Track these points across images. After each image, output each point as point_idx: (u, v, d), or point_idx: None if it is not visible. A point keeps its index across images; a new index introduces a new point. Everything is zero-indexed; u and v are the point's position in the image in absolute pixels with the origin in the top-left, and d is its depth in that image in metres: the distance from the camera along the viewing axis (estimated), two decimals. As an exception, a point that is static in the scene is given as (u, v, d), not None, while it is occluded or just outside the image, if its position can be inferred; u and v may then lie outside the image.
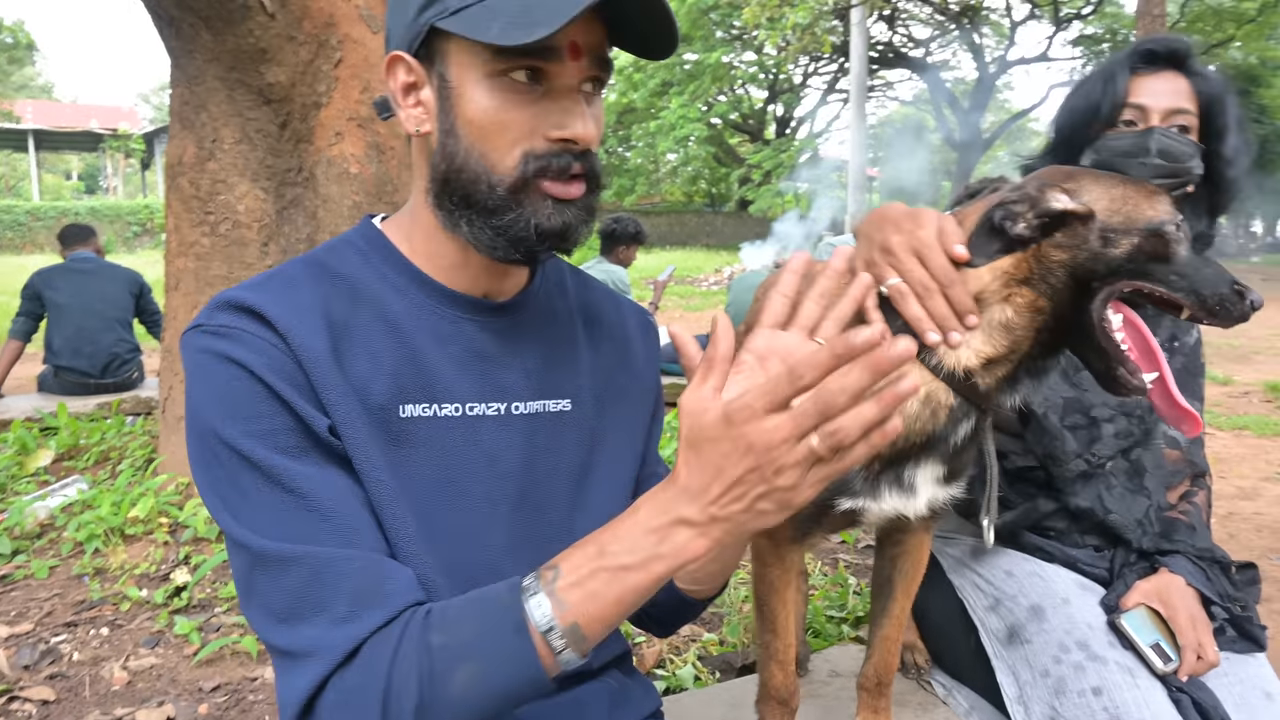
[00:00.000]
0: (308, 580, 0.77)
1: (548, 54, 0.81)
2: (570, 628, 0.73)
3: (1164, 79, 1.49)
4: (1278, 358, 8.84)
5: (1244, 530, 3.80)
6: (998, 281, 1.08)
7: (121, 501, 3.15)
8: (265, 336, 0.81)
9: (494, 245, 0.88)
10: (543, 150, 0.84)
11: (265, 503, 0.79)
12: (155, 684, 2.18)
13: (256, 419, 0.79)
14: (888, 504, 1.17)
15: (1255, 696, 1.38)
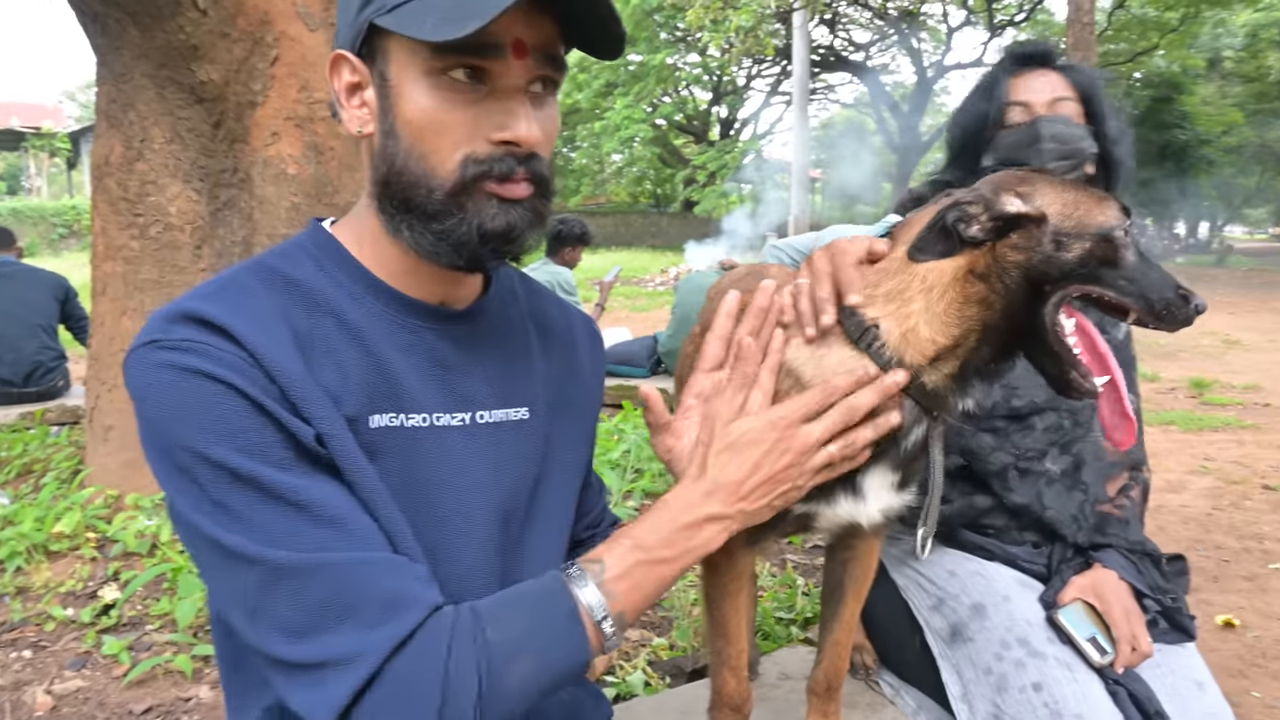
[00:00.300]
0: (332, 588, 0.74)
1: (488, 51, 0.79)
2: (618, 615, 0.82)
3: (1039, 75, 1.60)
4: (1202, 355, 9.19)
5: (1171, 523, 3.93)
6: (949, 274, 1.09)
7: (45, 516, 3.02)
8: (228, 349, 0.77)
9: (436, 251, 0.85)
10: (484, 154, 0.81)
11: (266, 520, 0.75)
12: (82, 708, 2.09)
13: (243, 433, 0.75)
14: (841, 509, 1.17)
15: (1187, 686, 1.43)
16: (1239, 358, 9.00)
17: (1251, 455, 5.08)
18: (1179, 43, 26.66)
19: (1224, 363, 8.66)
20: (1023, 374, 1.51)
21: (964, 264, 1.09)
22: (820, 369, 1.10)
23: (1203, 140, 29.15)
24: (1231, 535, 3.75)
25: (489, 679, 0.75)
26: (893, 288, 1.11)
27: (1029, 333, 1.09)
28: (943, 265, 1.09)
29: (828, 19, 26.93)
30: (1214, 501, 4.22)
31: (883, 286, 1.12)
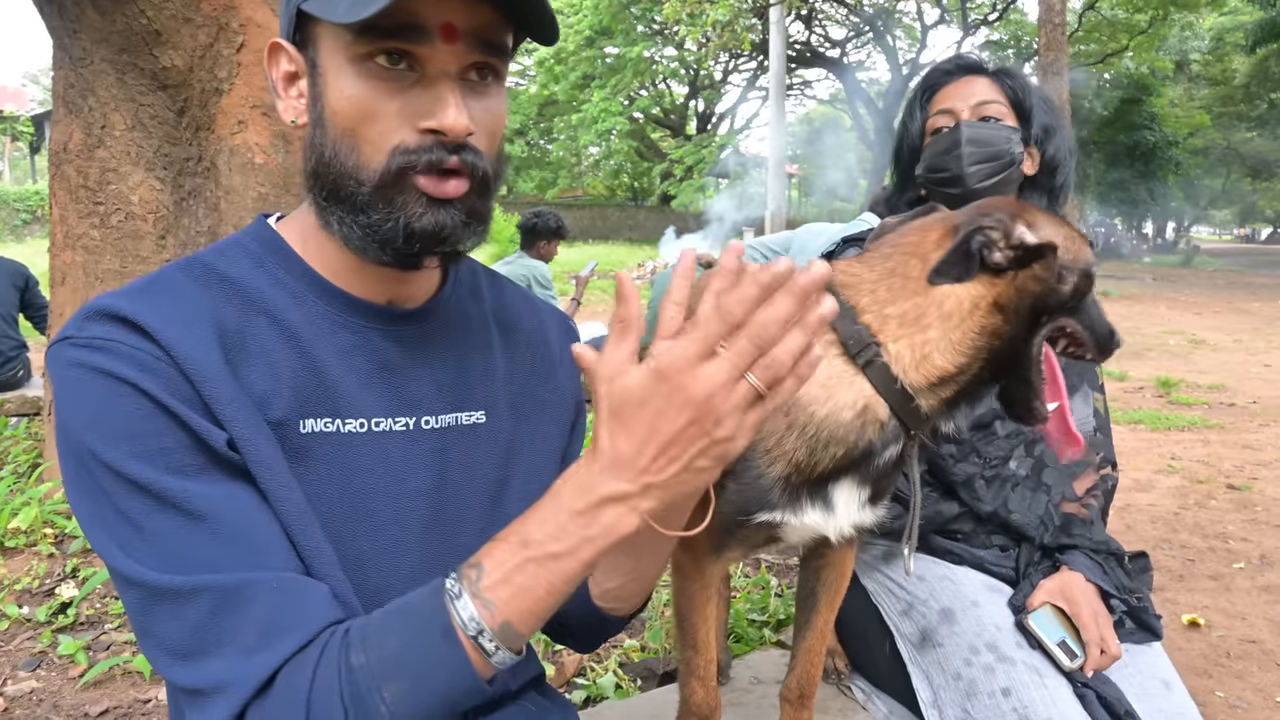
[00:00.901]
0: (212, 611, 0.70)
1: (413, 34, 0.75)
2: (502, 627, 0.69)
3: (965, 83, 1.60)
4: (1169, 354, 9.34)
5: (1139, 521, 3.98)
6: (970, 302, 1.08)
7: (1, 511, 2.94)
8: (145, 348, 0.73)
9: (364, 246, 0.81)
10: (413, 144, 0.78)
11: (159, 530, 0.71)
12: (35, 710, 2.03)
13: (143, 438, 0.72)
14: (809, 519, 1.15)
15: (1155, 685, 1.43)
16: (1205, 357, 9.16)
17: (1217, 455, 5.16)
18: (1148, 45, 27.06)
19: (1190, 362, 8.80)
20: None
21: (988, 294, 1.08)
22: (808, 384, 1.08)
23: (1170, 142, 29.64)
24: (1197, 534, 3.80)
25: (354, 708, 0.68)
26: (908, 311, 1.09)
27: (1018, 360, 1.10)
28: (962, 294, 1.08)
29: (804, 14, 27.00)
30: (1180, 501, 4.27)
31: (895, 306, 1.09)
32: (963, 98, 1.59)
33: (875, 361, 1.07)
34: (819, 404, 1.09)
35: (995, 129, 1.54)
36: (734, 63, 31.69)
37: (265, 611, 0.71)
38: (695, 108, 33.90)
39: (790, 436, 1.11)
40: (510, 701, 0.99)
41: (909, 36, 30.65)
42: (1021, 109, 1.58)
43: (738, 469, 1.14)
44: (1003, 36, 29.59)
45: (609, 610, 0.99)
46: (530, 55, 28.51)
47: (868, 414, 1.09)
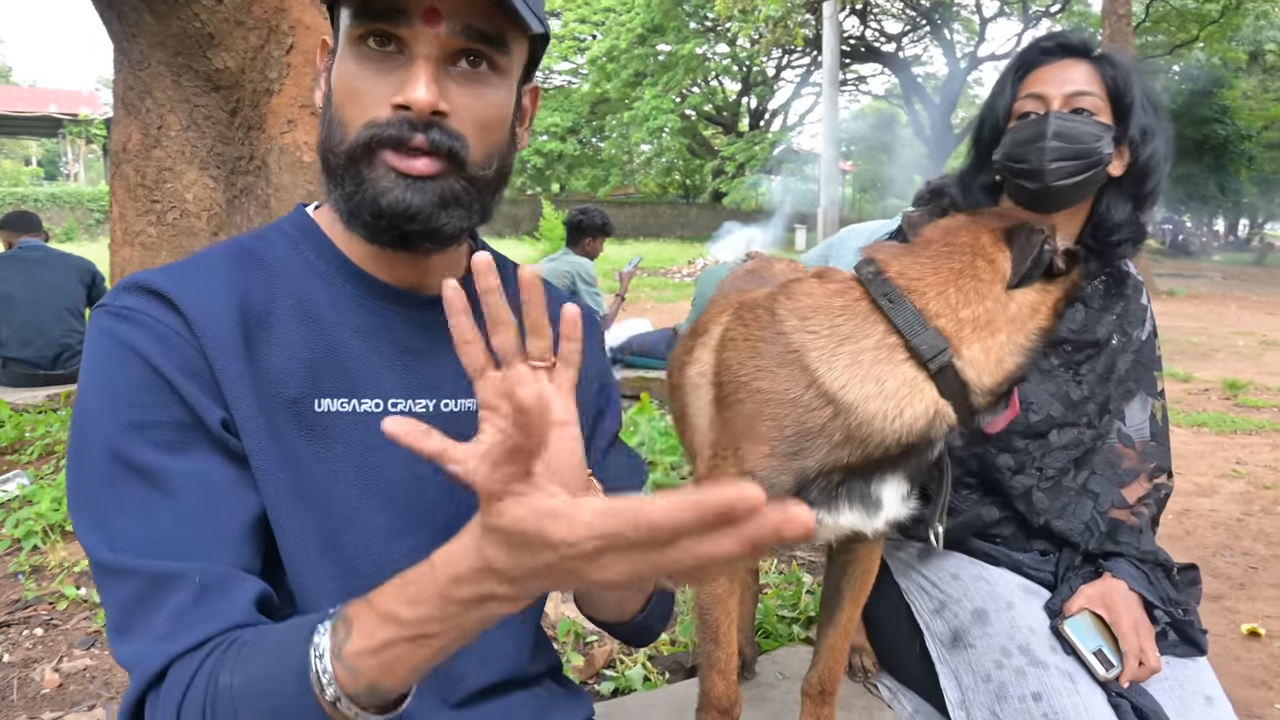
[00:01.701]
0: (140, 594, 0.73)
1: (394, 16, 0.78)
2: (368, 688, 0.65)
3: (1064, 67, 1.46)
4: (1237, 355, 8.99)
5: (1200, 527, 3.84)
6: (1031, 307, 1.11)
7: (63, 497, 3.05)
8: (168, 321, 0.77)
9: (347, 221, 0.85)
10: (384, 118, 0.80)
11: (126, 501, 0.74)
12: (88, 686, 2.11)
13: (139, 408, 0.75)
14: (845, 519, 1.14)
15: (1196, 701, 1.38)
16: (1277, 359, 8.80)
17: (1286, 460, 4.97)
18: (1219, 35, 26.04)
19: (1261, 364, 8.46)
20: (1035, 389, 1.47)
21: (1047, 299, 1.11)
22: (876, 390, 1.07)
23: (1243, 135, 28.52)
24: (1261, 542, 3.64)
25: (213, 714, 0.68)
26: (980, 315, 1.09)
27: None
28: (1022, 299, 1.11)
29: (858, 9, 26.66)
30: (1244, 507, 4.11)
31: (969, 310, 1.09)
32: (1057, 83, 1.45)
33: (948, 368, 1.07)
34: (886, 420, 1.08)
35: (1086, 124, 1.41)
36: (787, 59, 31.42)
37: (181, 604, 0.72)
38: (748, 104, 33.70)
39: (845, 447, 1.11)
40: (522, 687, 1.00)
41: (967, 30, 30.02)
42: (1120, 104, 1.45)
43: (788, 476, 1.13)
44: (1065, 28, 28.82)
45: (597, 617, 1.01)
46: (583, 54, 28.68)
47: (938, 419, 1.09)
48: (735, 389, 1.19)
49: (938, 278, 1.11)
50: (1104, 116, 1.44)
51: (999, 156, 1.47)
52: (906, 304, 1.09)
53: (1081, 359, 1.52)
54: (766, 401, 1.13)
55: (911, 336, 1.07)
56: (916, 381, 1.08)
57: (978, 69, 30.71)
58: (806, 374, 1.11)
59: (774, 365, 1.14)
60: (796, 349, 1.12)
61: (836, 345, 1.11)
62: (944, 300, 1.09)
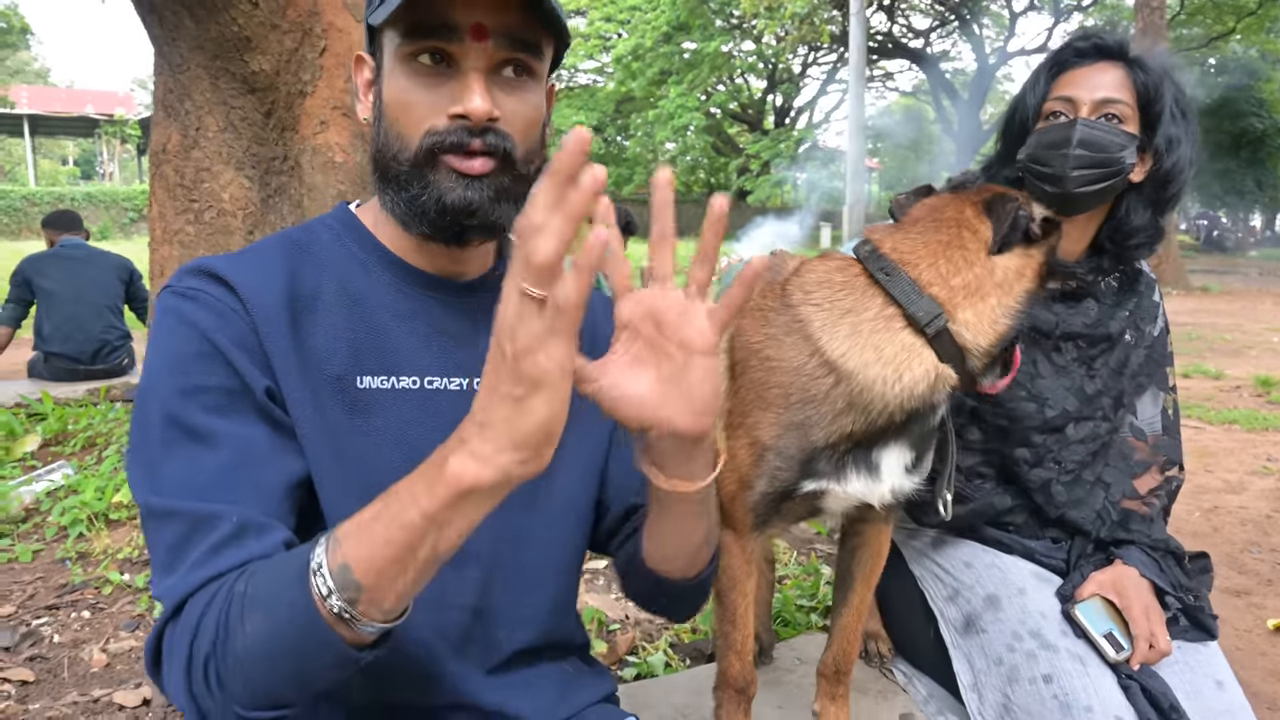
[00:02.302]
0: (182, 535, 0.78)
1: (445, 34, 0.85)
2: (340, 569, 0.68)
3: (1097, 70, 1.47)
4: (1270, 352, 8.85)
5: (1228, 523, 3.81)
6: (1016, 270, 1.16)
7: (106, 487, 3.16)
8: (225, 300, 0.86)
9: (408, 220, 0.92)
10: (442, 127, 0.88)
11: (176, 455, 0.81)
12: (134, 666, 2.19)
13: (192, 375, 0.83)
14: (853, 487, 1.20)
15: (1207, 684, 1.41)
16: (1311, 356, 8.66)
17: (1318, 457, 4.91)
18: (1257, 27, 25.51)
19: (1294, 361, 8.33)
20: (1050, 384, 1.50)
21: (1031, 263, 1.16)
22: (875, 357, 1.14)
23: (1281, 128, 27.97)
24: (1289, 538, 3.63)
25: (224, 632, 0.72)
26: (970, 281, 1.15)
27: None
28: (1008, 263, 1.16)
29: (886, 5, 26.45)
30: (1274, 503, 4.07)
31: (959, 278, 1.15)
32: (1089, 88, 1.46)
33: (944, 333, 1.13)
34: (887, 385, 1.14)
35: (1111, 133, 1.42)
36: (813, 55, 31.24)
37: (216, 541, 0.78)
38: (773, 102, 33.56)
39: (849, 414, 1.16)
40: (550, 659, 1.06)
41: (996, 25, 29.69)
42: (1149, 112, 1.46)
43: (793, 442, 1.18)
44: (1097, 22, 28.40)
45: (662, 573, 1.01)
46: (608, 53, 28.71)
47: (939, 381, 1.15)
48: (747, 356, 1.26)
49: (928, 250, 1.18)
50: (1131, 125, 1.45)
51: (1023, 155, 1.49)
52: (902, 275, 1.16)
53: (1095, 354, 1.55)
54: (773, 369, 1.21)
55: (908, 305, 1.14)
56: (915, 347, 1.14)
57: (1007, 64, 30.36)
58: (810, 343, 1.18)
59: (781, 334, 1.21)
60: (801, 319, 1.20)
61: (839, 317, 1.18)
62: (935, 270, 1.16)
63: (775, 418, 1.20)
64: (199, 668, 0.73)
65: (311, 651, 0.71)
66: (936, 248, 1.18)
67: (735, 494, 1.25)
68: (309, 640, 0.70)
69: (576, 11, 28.92)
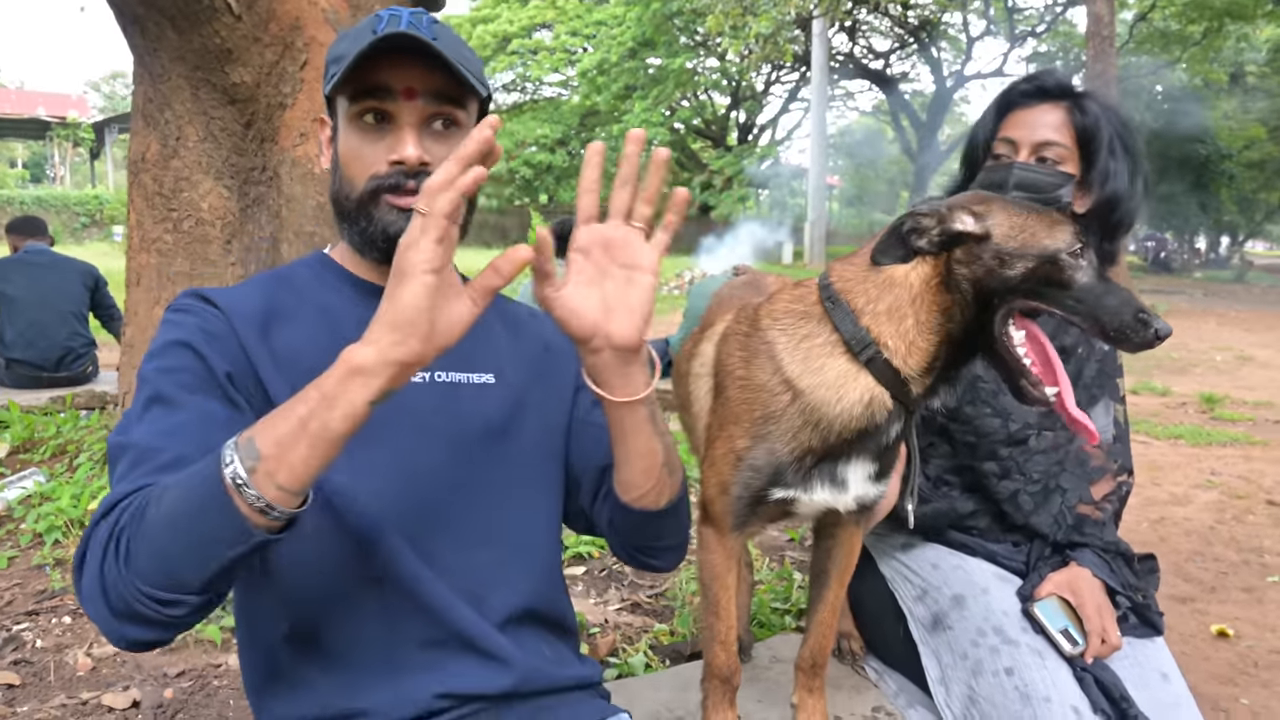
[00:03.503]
0: (131, 461, 0.91)
1: (381, 94, 1.05)
2: (246, 440, 0.80)
3: (1039, 112, 1.60)
4: (1215, 370, 9.18)
5: (1174, 534, 3.96)
6: (921, 283, 1.21)
7: (81, 494, 3.15)
8: (212, 313, 1.05)
9: (362, 248, 1.12)
10: (383, 172, 1.07)
11: (146, 416, 0.95)
12: (120, 669, 2.21)
13: (170, 358, 1.00)
14: (819, 496, 1.29)
15: (1153, 677, 1.52)
16: (1253, 374, 8.98)
17: (1258, 471, 5.08)
18: (1201, 56, 26.51)
19: (1237, 378, 8.64)
20: (1013, 399, 1.61)
21: (932, 275, 1.20)
22: (819, 380, 1.23)
23: (1224, 155, 28.98)
24: (1232, 548, 3.77)
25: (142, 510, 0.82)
26: (890, 305, 1.21)
27: (982, 341, 1.20)
28: (914, 278, 1.21)
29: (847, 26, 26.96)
30: (1217, 515, 4.24)
31: (882, 303, 1.22)
32: (1029, 129, 1.59)
33: (877, 358, 1.20)
34: (830, 405, 1.23)
35: (1047, 175, 1.55)
36: (776, 74, 31.70)
37: (155, 465, 0.89)
38: (736, 119, 33.95)
39: (806, 430, 1.25)
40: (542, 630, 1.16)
41: (954, 48, 30.40)
42: (1087, 150, 1.58)
43: (760, 454, 1.28)
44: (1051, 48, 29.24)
45: (635, 503, 1.11)
46: (574, 66, 28.85)
47: (874, 404, 1.22)
48: (726, 375, 1.37)
49: (859, 278, 1.25)
50: (1069, 164, 1.58)
51: (973, 188, 1.62)
52: (843, 305, 1.24)
53: None
54: (744, 387, 1.31)
55: (845, 333, 1.23)
56: (851, 372, 1.22)
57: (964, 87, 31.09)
58: (774, 363, 1.28)
59: (752, 356, 1.32)
60: (768, 343, 1.30)
61: (797, 343, 1.27)
62: (865, 297, 1.23)
63: (745, 430, 1.30)
64: (114, 544, 0.82)
65: (211, 517, 0.79)
66: (865, 275, 1.25)
67: (716, 496, 1.35)
68: (210, 504, 0.79)
69: (543, 25, 29.03)
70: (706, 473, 1.38)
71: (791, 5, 15.70)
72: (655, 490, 1.09)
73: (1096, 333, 1.17)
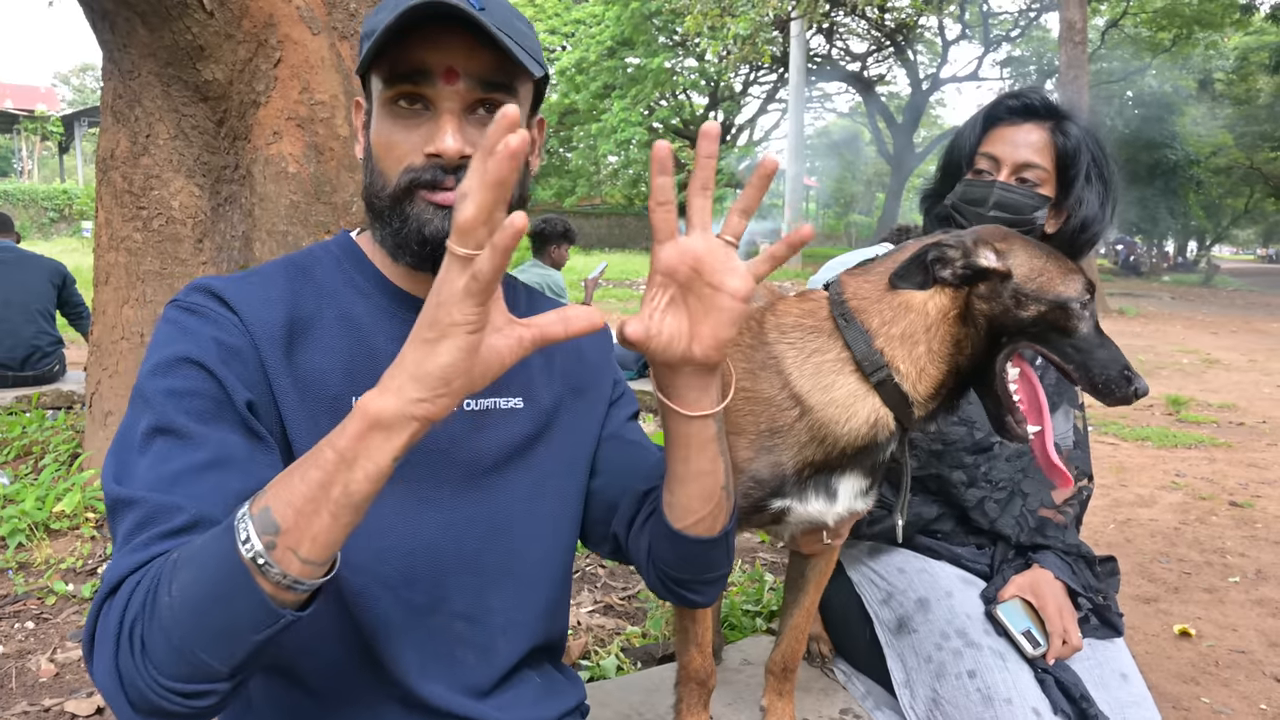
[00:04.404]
0: (139, 521, 0.79)
1: (419, 78, 0.92)
2: (261, 511, 0.70)
3: (1023, 131, 1.63)
4: (1181, 373, 9.33)
5: (1140, 535, 4.02)
6: (939, 312, 1.21)
7: (47, 496, 3.11)
8: (226, 316, 0.92)
9: (394, 250, 0.99)
10: (419, 165, 0.94)
11: (149, 450, 0.83)
12: (83, 676, 2.18)
13: (179, 379, 0.87)
14: (813, 507, 1.29)
15: (1113, 677, 1.55)
16: (1218, 377, 9.13)
17: (1222, 473, 5.17)
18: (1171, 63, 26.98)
19: (1203, 381, 8.78)
20: (977, 408, 1.64)
21: (952, 307, 1.21)
22: (829, 398, 1.23)
23: (1192, 161, 29.48)
24: (1195, 549, 3.84)
25: (154, 594, 0.72)
26: (905, 330, 1.22)
27: (982, 373, 1.22)
28: (932, 307, 1.21)
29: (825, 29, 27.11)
30: (1181, 516, 4.31)
31: (896, 327, 1.22)
32: (1011, 147, 1.61)
33: (888, 381, 1.21)
34: (839, 423, 1.24)
35: (1025, 196, 1.59)
36: (754, 75, 31.84)
37: (166, 530, 0.78)
38: (714, 119, 33.99)
39: (811, 445, 1.26)
40: (532, 666, 1.11)
41: (930, 51, 30.69)
42: (1065, 175, 1.61)
43: (764, 466, 1.28)
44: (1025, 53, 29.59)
45: (689, 529, 1.02)
46: (552, 65, 28.77)
47: (880, 425, 1.23)
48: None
49: (876, 298, 1.26)
50: (1047, 186, 1.62)
51: (950, 200, 1.66)
52: (856, 324, 1.24)
53: None
54: (750, 399, 1.30)
55: (857, 353, 1.23)
56: (861, 392, 1.23)
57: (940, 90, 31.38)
58: (781, 378, 1.27)
59: (758, 369, 1.30)
60: (775, 356, 1.29)
61: (806, 357, 1.26)
62: (880, 318, 1.23)
63: (749, 442, 1.29)
64: (126, 634, 0.72)
65: (232, 602, 0.70)
66: (881, 296, 1.25)
67: None
68: (229, 587, 0.70)
69: (521, 23, 28.84)
70: None
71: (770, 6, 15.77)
72: (712, 515, 1.01)
73: (1084, 382, 1.19)
